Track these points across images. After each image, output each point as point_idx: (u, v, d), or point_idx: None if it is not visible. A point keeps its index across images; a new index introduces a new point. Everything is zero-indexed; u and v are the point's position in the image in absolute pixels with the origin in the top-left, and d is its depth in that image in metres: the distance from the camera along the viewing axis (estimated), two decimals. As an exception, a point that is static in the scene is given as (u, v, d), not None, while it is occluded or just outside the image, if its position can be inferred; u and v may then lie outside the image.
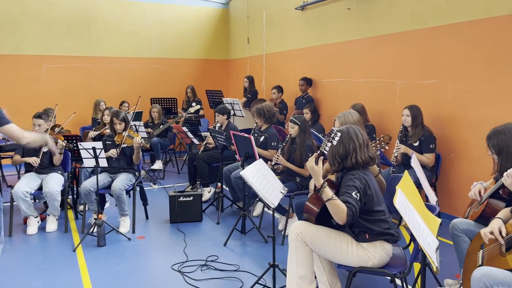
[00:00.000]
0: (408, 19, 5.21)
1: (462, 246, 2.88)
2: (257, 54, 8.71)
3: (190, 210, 4.87)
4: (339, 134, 2.61)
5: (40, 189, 4.61)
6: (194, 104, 8.07)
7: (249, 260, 3.89)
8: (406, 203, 2.19)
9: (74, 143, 4.62)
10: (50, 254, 4.05)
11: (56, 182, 4.58)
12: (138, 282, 3.48)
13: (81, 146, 4.22)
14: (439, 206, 3.12)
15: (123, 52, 8.80)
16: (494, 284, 2.09)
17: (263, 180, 3.09)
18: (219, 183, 5.32)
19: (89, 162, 4.28)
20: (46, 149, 4.70)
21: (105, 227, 4.26)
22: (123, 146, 4.72)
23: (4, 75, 7.77)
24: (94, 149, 4.19)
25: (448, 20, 4.71)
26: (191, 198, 4.87)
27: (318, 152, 2.58)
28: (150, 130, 7.20)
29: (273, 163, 4.44)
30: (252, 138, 4.27)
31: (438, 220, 2.52)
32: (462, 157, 4.67)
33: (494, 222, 2.38)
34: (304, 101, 6.75)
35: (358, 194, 2.52)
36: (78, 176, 5.34)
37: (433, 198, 3.02)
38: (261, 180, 3.05)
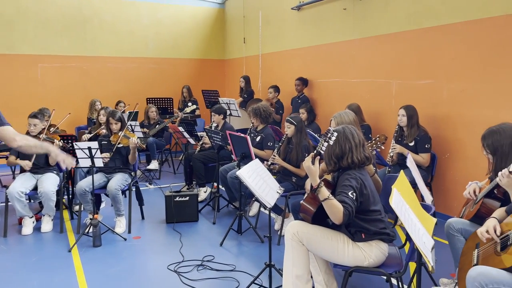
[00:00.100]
0: (404, 20, 5.23)
1: (457, 245, 2.90)
2: (253, 54, 8.71)
3: (186, 210, 4.86)
4: (336, 134, 2.62)
5: (35, 189, 4.59)
6: (190, 104, 8.05)
7: (245, 260, 3.90)
8: (402, 203, 2.20)
9: (70, 143, 4.60)
10: (45, 254, 4.03)
11: (51, 182, 4.57)
12: (134, 282, 3.47)
13: (76, 146, 4.20)
14: (435, 205, 3.14)
15: (119, 51, 8.77)
16: (489, 283, 2.10)
17: (260, 180, 3.09)
18: (215, 183, 5.32)
19: (84, 162, 4.26)
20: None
21: (100, 227, 4.25)
22: (119, 146, 4.71)
23: (-1, 75, 7.75)
24: (90, 149, 4.17)
25: (443, 20, 4.74)
26: (187, 198, 4.87)
27: (314, 152, 2.58)
28: (146, 130, 7.18)
29: (269, 163, 4.44)
30: (248, 138, 4.27)
31: (433, 219, 2.53)
32: (457, 157, 4.69)
33: (489, 222, 2.39)
34: (299, 101, 6.76)
35: (354, 193, 2.53)
36: (74, 176, 5.31)
37: (428, 197, 3.03)
38: (257, 180, 3.06)
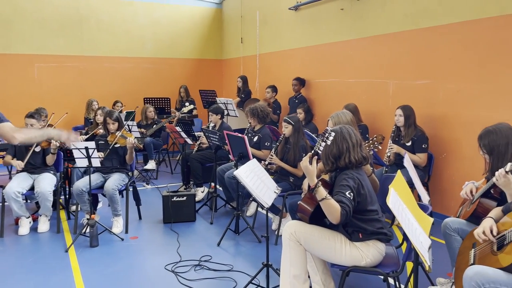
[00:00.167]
0: (401, 20, 5.24)
1: (454, 245, 2.90)
2: (250, 54, 8.71)
3: (183, 210, 4.85)
4: (333, 134, 2.63)
5: (32, 189, 4.57)
6: (187, 104, 8.05)
7: (242, 260, 3.89)
8: (399, 203, 2.21)
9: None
10: (42, 255, 4.02)
11: (48, 182, 4.55)
12: (131, 282, 3.46)
13: (73, 146, 4.19)
14: (432, 205, 3.14)
15: (116, 51, 8.75)
16: (485, 282, 2.11)
17: (257, 180, 3.09)
18: (213, 183, 5.31)
19: (81, 162, 4.25)
20: (39, 149, 4.67)
21: (97, 228, 4.23)
22: (116, 146, 4.70)
23: (-5, 75, 7.72)
24: (87, 149, 4.16)
25: (440, 21, 4.75)
26: (185, 198, 4.86)
27: (312, 152, 2.59)
28: (143, 130, 7.17)
29: (266, 163, 4.45)
30: (245, 138, 4.27)
31: (430, 219, 2.53)
32: (454, 157, 4.71)
33: (485, 222, 2.40)
34: (297, 101, 6.76)
35: (352, 193, 2.53)
36: (71, 176, 5.30)
37: (425, 197, 3.04)
38: (254, 180, 3.06)
